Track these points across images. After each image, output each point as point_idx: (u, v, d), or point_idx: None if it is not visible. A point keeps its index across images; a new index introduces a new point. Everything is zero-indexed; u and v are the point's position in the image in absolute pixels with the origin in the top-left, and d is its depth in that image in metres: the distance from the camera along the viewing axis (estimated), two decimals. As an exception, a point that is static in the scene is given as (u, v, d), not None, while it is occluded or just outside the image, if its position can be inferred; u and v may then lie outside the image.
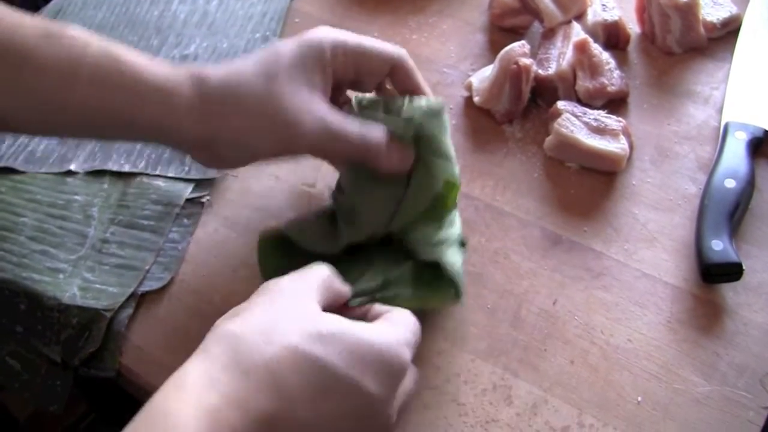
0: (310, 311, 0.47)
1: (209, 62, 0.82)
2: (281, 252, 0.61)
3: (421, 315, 0.52)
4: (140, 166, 0.73)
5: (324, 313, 0.47)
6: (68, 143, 0.75)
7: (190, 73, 0.54)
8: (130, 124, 0.54)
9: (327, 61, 0.55)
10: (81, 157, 0.74)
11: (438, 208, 0.58)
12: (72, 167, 0.73)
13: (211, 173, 0.72)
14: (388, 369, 0.46)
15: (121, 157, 0.74)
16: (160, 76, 0.53)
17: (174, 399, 0.42)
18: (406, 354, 0.47)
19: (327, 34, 0.56)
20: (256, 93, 0.54)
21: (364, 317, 0.52)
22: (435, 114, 0.58)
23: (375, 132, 0.56)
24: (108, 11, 0.88)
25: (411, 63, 0.59)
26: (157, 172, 0.72)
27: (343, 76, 0.57)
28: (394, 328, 0.49)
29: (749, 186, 0.63)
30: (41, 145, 0.76)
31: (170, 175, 0.72)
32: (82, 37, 0.53)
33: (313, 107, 0.54)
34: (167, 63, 0.55)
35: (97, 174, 0.73)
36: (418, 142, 0.57)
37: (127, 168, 0.73)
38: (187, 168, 0.72)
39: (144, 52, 0.54)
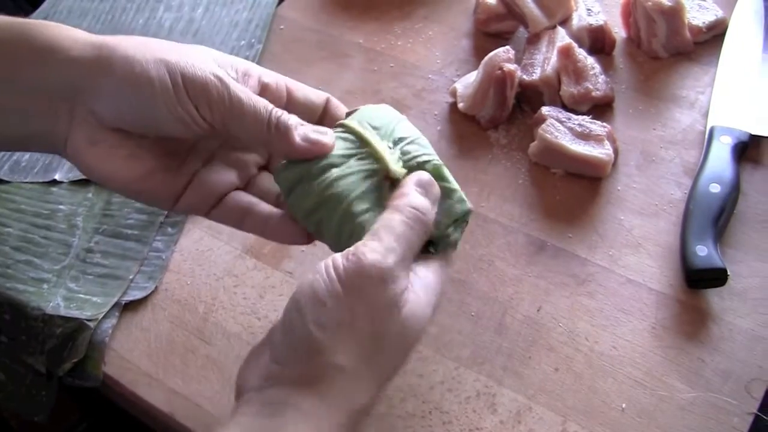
0: None
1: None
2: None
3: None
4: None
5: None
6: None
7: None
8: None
9: (257, 75, 0.50)
10: (66, 166, 0.74)
11: None
12: (57, 176, 0.73)
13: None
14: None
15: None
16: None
17: None
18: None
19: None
20: (161, 45, 0.48)
21: None
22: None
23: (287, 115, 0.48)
24: (93, 19, 0.88)
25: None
26: None
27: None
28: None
29: (734, 190, 0.63)
30: (26, 155, 0.76)
31: None
32: None
33: (218, 75, 0.47)
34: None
35: (82, 183, 0.73)
36: None
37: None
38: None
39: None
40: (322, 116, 0.53)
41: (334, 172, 0.47)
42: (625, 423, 0.54)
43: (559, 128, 0.67)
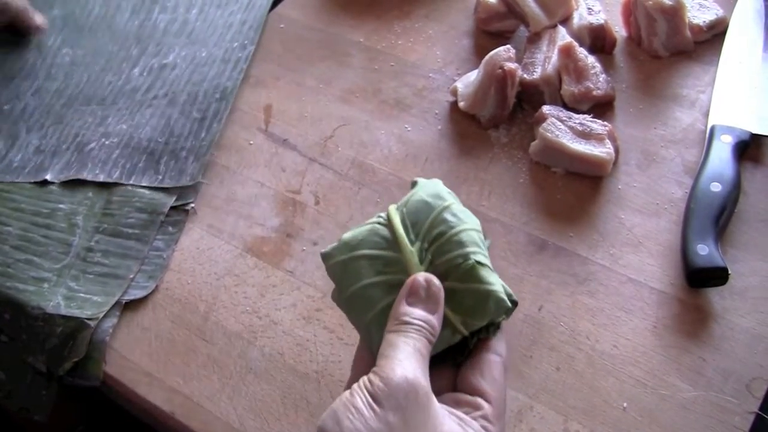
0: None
1: (187, 71, 0.81)
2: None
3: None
4: (114, 176, 0.73)
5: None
6: (44, 152, 0.75)
7: None
8: None
9: None
10: (57, 166, 0.74)
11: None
12: (48, 177, 0.73)
13: (185, 181, 0.72)
14: None
15: (96, 167, 0.74)
16: None
17: None
18: None
19: None
20: None
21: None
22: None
23: None
24: (89, 20, 0.88)
25: None
26: (131, 182, 0.72)
27: None
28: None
29: (735, 189, 0.63)
30: (18, 155, 0.76)
31: (143, 184, 0.72)
32: None
33: None
34: None
35: (82, 182, 0.73)
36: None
37: (101, 178, 0.73)
38: (160, 177, 0.72)
39: (124, 61, 0.53)
40: None
41: (364, 278, 0.48)
42: (626, 422, 0.54)
43: (559, 127, 0.67)
